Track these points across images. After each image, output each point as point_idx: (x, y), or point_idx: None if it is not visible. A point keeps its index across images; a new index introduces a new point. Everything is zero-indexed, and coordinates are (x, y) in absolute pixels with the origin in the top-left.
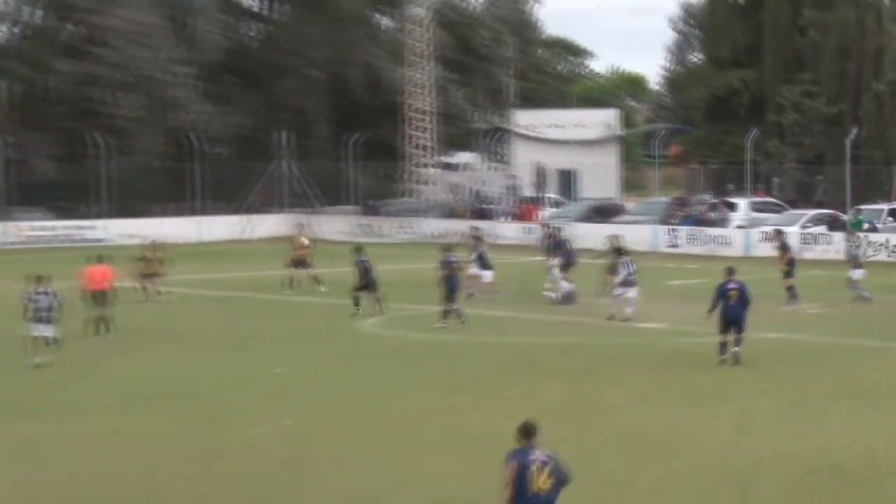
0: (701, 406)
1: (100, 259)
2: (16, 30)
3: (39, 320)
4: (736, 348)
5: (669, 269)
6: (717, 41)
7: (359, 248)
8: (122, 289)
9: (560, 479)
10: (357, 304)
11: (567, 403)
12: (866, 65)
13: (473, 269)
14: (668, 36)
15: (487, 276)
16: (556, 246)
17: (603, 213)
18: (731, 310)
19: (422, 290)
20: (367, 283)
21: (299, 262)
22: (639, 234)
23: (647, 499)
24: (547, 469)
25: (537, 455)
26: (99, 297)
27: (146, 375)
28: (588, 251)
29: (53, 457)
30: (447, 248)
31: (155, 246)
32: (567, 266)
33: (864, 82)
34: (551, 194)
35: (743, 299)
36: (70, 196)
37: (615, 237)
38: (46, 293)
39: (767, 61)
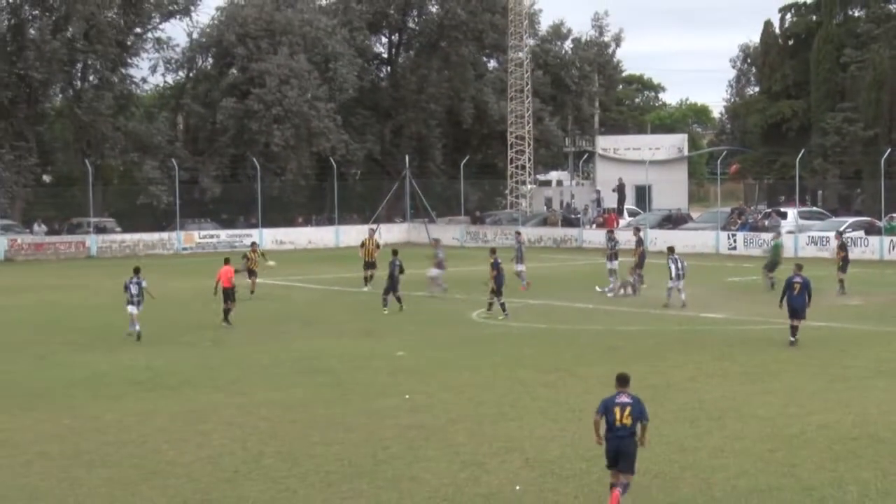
0: (755, 382)
1: (226, 261)
2: (191, 74)
3: (131, 302)
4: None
5: (729, 267)
6: (771, 76)
7: (493, 251)
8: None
9: (637, 418)
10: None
11: (643, 381)
12: None
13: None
14: (730, 73)
15: (434, 272)
16: (637, 245)
17: (672, 220)
18: (794, 299)
19: (512, 287)
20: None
21: (370, 265)
22: (703, 239)
23: (710, 462)
24: (628, 409)
25: (623, 398)
26: (228, 293)
27: (291, 356)
28: (659, 252)
29: (223, 423)
30: (493, 251)
31: (254, 248)
32: (641, 265)
33: None
34: (629, 206)
35: (805, 291)
36: (231, 209)
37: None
38: (138, 283)
39: (813, 93)
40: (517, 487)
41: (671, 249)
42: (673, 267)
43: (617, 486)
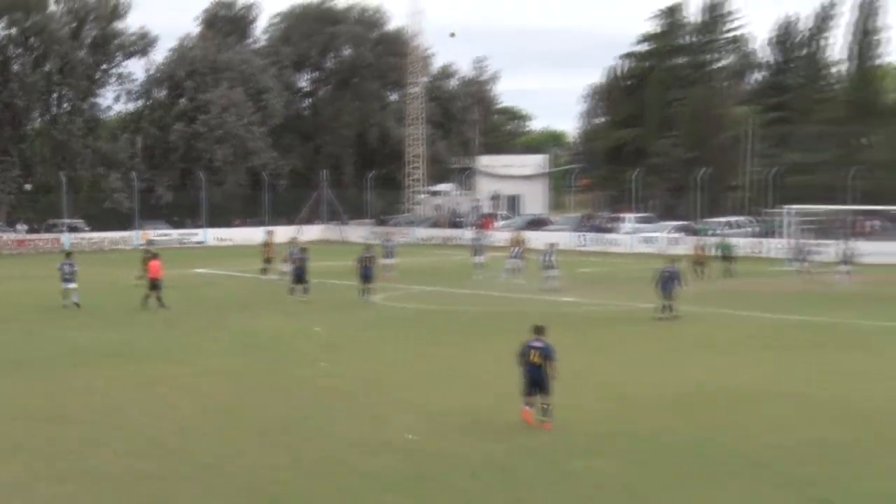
0: (604, 353)
1: (155, 255)
2: (148, 103)
3: (65, 280)
4: (667, 313)
5: (581, 260)
6: (614, 109)
7: (368, 247)
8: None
9: (545, 357)
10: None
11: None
12: (712, 126)
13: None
14: (582, 106)
15: (388, 263)
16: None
17: (536, 223)
18: (665, 286)
19: (415, 275)
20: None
21: (268, 260)
22: (561, 238)
23: (565, 416)
24: (539, 352)
25: (536, 343)
26: (155, 283)
27: (230, 333)
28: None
29: (177, 387)
30: (368, 247)
31: (150, 242)
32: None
33: (710, 137)
34: (502, 211)
35: (675, 279)
36: (181, 213)
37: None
38: (70, 264)
39: (647, 123)
40: (409, 436)
41: (551, 245)
42: (542, 258)
43: (530, 407)
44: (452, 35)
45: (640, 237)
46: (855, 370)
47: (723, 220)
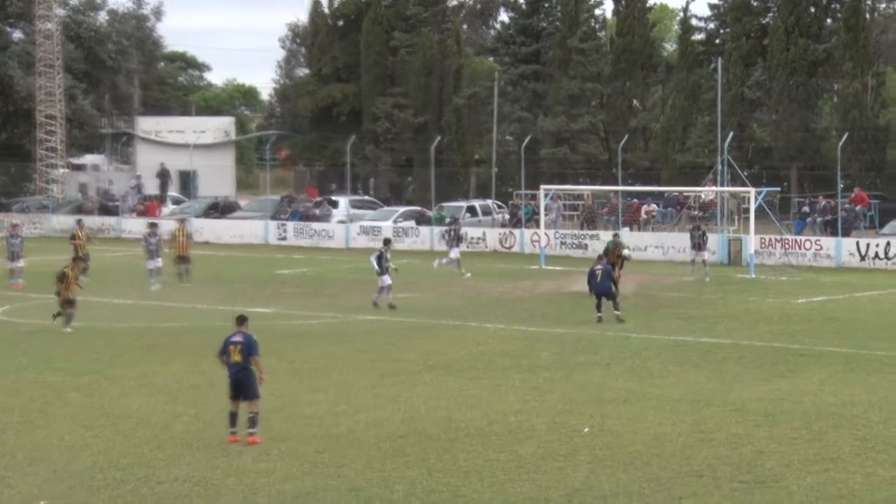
0: (304, 380)
1: None
2: None
3: None
4: (616, 312)
5: (279, 259)
6: (321, 58)
7: None
8: None
9: (248, 352)
10: None
11: (183, 381)
12: (447, 81)
13: None
14: (279, 53)
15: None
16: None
17: (219, 209)
18: (598, 285)
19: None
20: None
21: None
22: (252, 229)
23: (254, 466)
24: (239, 346)
25: (236, 337)
26: None
27: None
28: (207, 244)
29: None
30: None
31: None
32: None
33: (445, 96)
34: (173, 193)
35: (608, 277)
36: None
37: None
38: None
39: (364, 76)
40: (42, 503)
41: (386, 241)
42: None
43: (236, 414)
44: None
45: (358, 227)
46: (623, 396)
47: (464, 203)
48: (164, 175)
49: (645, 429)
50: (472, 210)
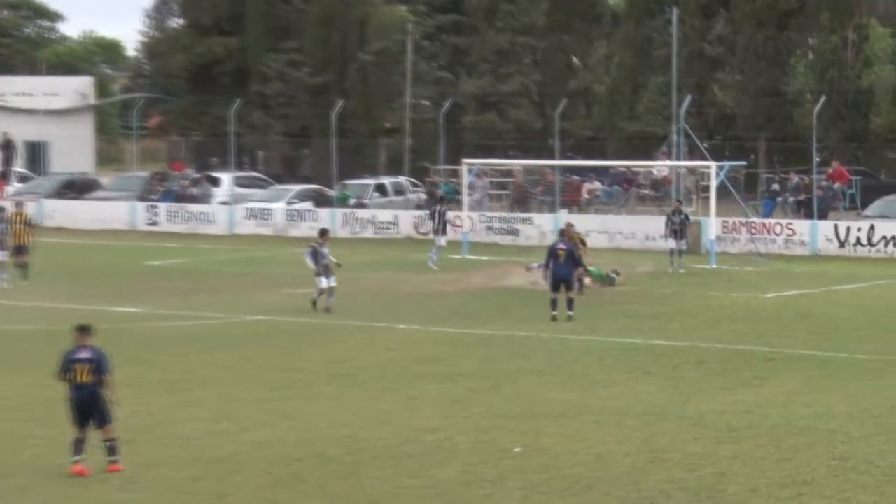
0: (179, 392)
1: None
2: None
3: None
4: (569, 312)
5: (149, 248)
6: (197, 6)
7: None
8: None
9: (98, 371)
10: None
11: (36, 396)
12: (351, 34)
13: None
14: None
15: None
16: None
17: (76, 188)
18: (559, 269)
19: None
20: None
21: None
22: (116, 212)
23: (118, 496)
24: (88, 365)
25: (82, 353)
26: None
27: None
28: (61, 230)
29: None
30: None
31: None
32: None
33: (348, 52)
34: (20, 168)
35: (571, 259)
36: None
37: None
38: None
39: (251, 28)
40: None
41: (323, 232)
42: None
43: (84, 441)
44: None
45: (244, 209)
46: (560, 410)
47: (371, 181)
48: (7, 147)
49: (586, 448)
50: (381, 189)
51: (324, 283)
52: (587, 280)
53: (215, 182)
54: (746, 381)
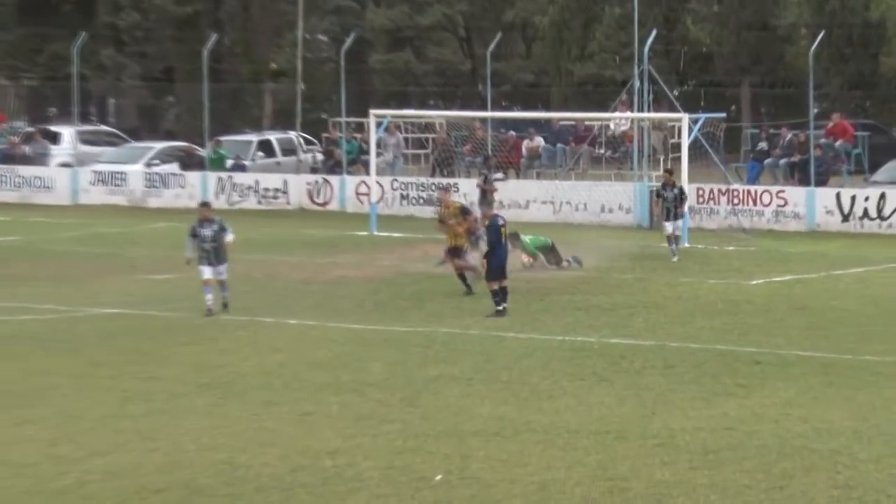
0: (11, 408)
1: None
2: None
3: None
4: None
5: None
6: None
7: None
8: None
9: None
10: None
11: None
12: None
13: None
14: None
15: None
16: None
17: None
18: (503, 250)
19: None
20: None
21: None
22: None
23: None
24: None
25: None
26: None
27: None
28: None
29: None
30: None
31: None
32: None
33: None
34: None
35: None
36: None
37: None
38: None
39: None
40: None
41: (204, 205)
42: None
43: None
44: None
45: (91, 173)
46: (494, 427)
47: (254, 137)
48: None
49: (527, 475)
50: (266, 147)
51: (207, 273)
52: (525, 258)
53: (53, 138)
54: (727, 391)
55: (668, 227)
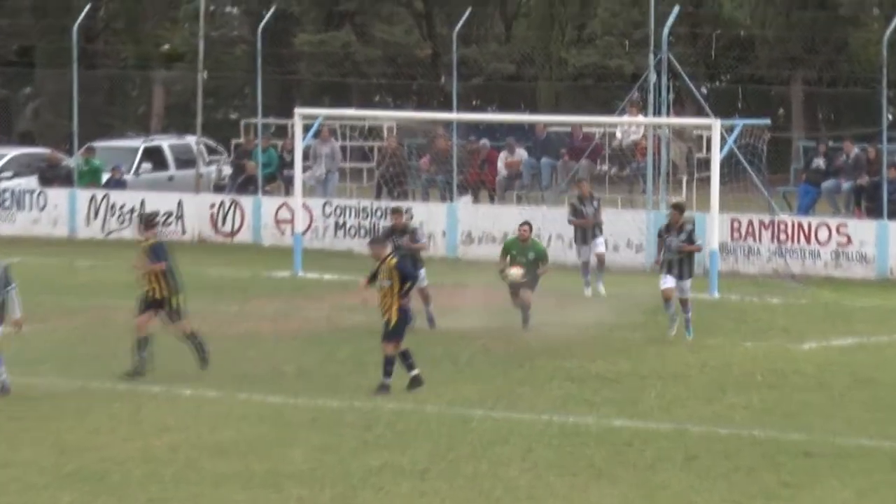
0: None
1: None
2: None
3: None
4: None
5: None
6: None
7: None
8: None
9: None
10: None
11: None
12: None
13: None
14: None
15: None
16: None
17: None
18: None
19: None
20: None
21: None
22: None
23: None
24: None
25: None
26: None
27: None
28: None
29: None
30: None
31: None
32: None
33: None
34: None
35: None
36: None
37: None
38: None
39: None
40: None
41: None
42: None
43: None
44: None
45: None
46: None
47: (139, 143)
48: None
49: None
50: (155, 156)
51: None
52: (514, 270)
53: None
54: (768, 491)
55: (668, 281)
